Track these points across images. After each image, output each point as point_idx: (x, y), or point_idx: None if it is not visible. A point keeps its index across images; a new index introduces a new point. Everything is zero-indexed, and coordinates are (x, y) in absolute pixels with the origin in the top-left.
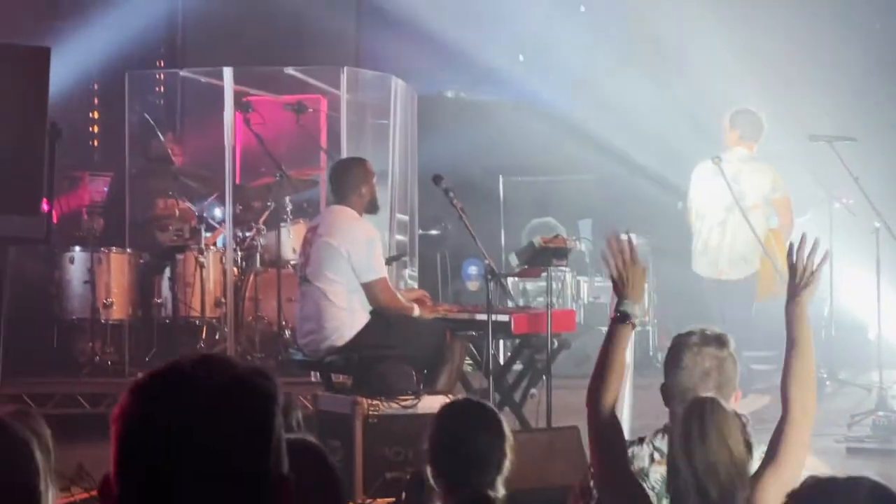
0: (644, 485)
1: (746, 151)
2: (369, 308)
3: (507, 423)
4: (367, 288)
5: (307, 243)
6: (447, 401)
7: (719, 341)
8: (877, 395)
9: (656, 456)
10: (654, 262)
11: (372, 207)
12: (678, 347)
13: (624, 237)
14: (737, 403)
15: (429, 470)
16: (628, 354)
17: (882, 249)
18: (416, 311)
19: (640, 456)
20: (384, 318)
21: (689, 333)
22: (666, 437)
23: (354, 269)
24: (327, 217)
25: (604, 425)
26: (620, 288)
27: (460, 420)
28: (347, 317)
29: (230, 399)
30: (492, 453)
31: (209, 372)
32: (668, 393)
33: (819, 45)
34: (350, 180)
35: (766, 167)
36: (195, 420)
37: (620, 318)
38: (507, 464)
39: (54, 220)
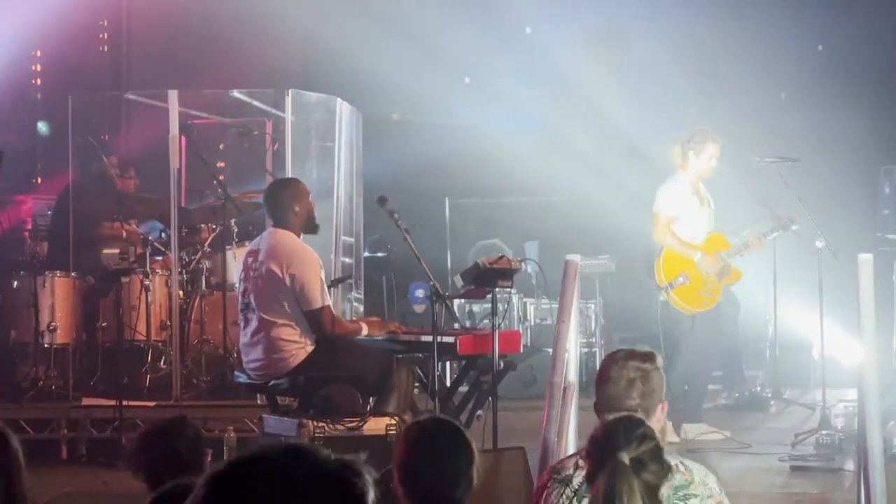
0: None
1: (679, 172)
2: (315, 336)
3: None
4: (311, 316)
5: (248, 268)
6: (395, 420)
7: (645, 355)
8: (820, 414)
9: (580, 462)
10: (600, 285)
11: (311, 226)
12: (606, 362)
13: None
14: (663, 413)
15: (400, 489)
16: (573, 375)
17: (824, 269)
18: (365, 330)
19: (567, 466)
20: (331, 343)
21: (618, 350)
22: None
23: (297, 298)
24: (268, 242)
25: None
26: None
27: (435, 438)
28: (293, 348)
29: (321, 496)
30: (465, 471)
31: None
32: (598, 406)
33: (761, 65)
34: (282, 200)
35: (665, 185)
36: None
37: None
38: (475, 482)
39: None
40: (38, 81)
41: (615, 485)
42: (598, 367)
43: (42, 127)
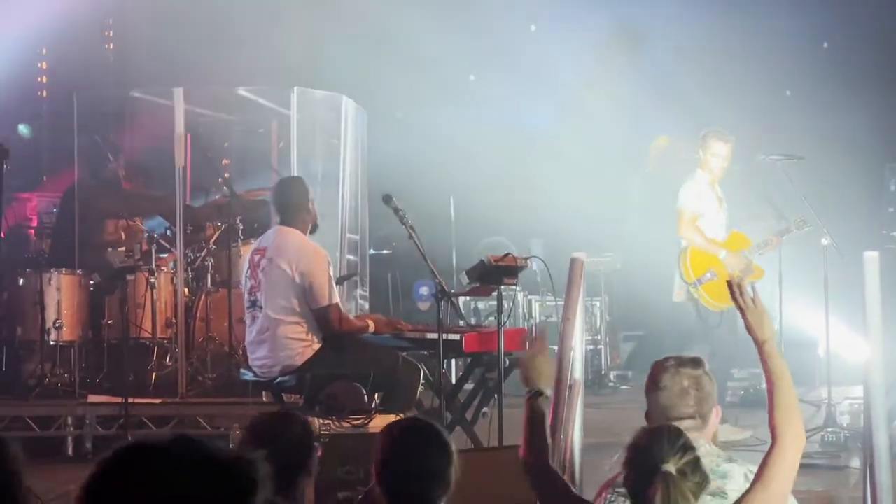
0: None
1: (697, 172)
2: (322, 333)
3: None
4: (319, 314)
5: (255, 266)
6: (400, 417)
7: (695, 362)
8: (826, 411)
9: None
10: (604, 283)
11: (314, 226)
12: (656, 371)
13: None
14: (717, 418)
15: (377, 488)
16: (578, 372)
17: (830, 266)
18: (371, 328)
19: None
20: (338, 341)
21: (666, 358)
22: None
23: (306, 296)
24: (276, 239)
25: (542, 480)
26: (527, 378)
27: (412, 438)
28: (300, 345)
29: (209, 483)
30: (442, 471)
31: (184, 449)
32: (650, 416)
33: (766, 63)
34: (292, 198)
35: (686, 184)
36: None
37: (534, 396)
38: (453, 483)
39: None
40: (44, 79)
41: (670, 494)
42: (602, 366)
43: (23, 129)
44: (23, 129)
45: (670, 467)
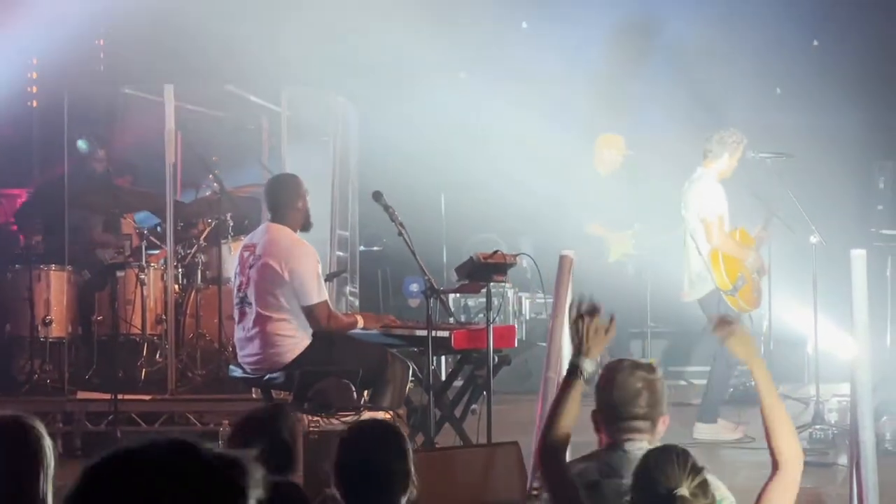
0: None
1: (700, 170)
2: (311, 330)
3: (411, 444)
4: (309, 311)
5: (244, 262)
6: (390, 414)
7: (649, 367)
8: (814, 408)
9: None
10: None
11: (307, 224)
12: (611, 372)
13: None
14: (664, 426)
15: (336, 491)
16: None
17: (818, 264)
18: (360, 324)
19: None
20: (326, 338)
21: (620, 360)
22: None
23: (296, 293)
24: (266, 236)
25: (555, 476)
26: (577, 344)
27: (370, 438)
28: (290, 342)
29: (200, 489)
30: (398, 474)
31: (175, 456)
32: (603, 415)
33: (755, 60)
34: (283, 196)
35: (701, 186)
36: None
37: (572, 371)
38: (411, 485)
39: None
40: (34, 75)
41: None
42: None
43: (82, 144)
44: (81, 143)
45: (684, 491)
